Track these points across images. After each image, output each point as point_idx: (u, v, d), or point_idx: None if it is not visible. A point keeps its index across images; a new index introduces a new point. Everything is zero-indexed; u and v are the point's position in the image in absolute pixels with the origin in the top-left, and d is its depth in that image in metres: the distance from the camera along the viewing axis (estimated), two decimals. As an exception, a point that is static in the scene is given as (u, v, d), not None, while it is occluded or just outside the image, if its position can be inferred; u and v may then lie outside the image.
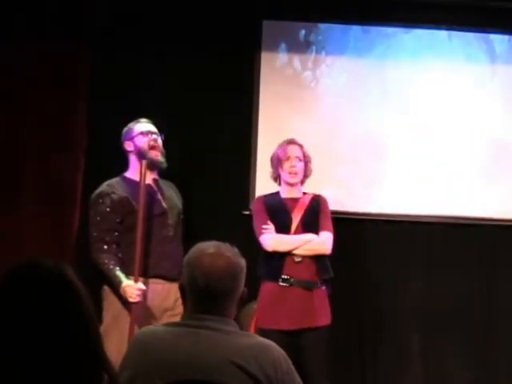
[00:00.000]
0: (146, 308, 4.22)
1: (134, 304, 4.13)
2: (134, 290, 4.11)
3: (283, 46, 5.45)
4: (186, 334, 2.34)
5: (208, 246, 2.42)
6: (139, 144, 4.41)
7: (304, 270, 4.42)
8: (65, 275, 1.58)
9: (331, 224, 4.58)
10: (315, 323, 4.40)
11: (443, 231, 5.44)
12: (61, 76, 5.09)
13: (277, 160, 4.61)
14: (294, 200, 4.60)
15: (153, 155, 4.40)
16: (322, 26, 5.47)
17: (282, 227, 4.48)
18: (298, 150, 4.63)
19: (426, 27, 5.47)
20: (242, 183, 5.35)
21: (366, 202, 5.42)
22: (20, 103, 5.06)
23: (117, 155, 4.54)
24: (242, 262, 2.43)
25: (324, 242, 4.47)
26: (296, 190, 4.64)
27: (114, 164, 4.53)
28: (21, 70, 5.05)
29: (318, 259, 4.46)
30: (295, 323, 4.38)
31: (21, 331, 1.50)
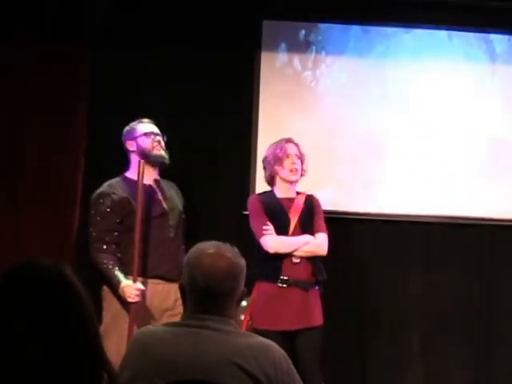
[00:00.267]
0: (146, 308, 4.22)
1: (133, 304, 4.13)
2: (132, 290, 4.11)
3: (283, 45, 5.45)
4: (186, 334, 2.34)
5: (208, 246, 2.42)
6: (142, 145, 4.41)
7: (301, 271, 4.44)
8: (64, 275, 1.58)
9: (325, 225, 4.61)
10: (311, 323, 4.43)
11: (443, 231, 5.44)
12: (61, 76, 5.09)
13: (274, 159, 4.59)
14: (290, 200, 4.60)
15: (157, 152, 4.39)
16: (322, 25, 5.47)
17: (281, 228, 4.48)
18: (296, 149, 4.64)
19: (425, 27, 5.47)
20: (242, 183, 5.35)
21: (366, 201, 5.42)
22: (20, 103, 5.06)
23: (117, 155, 4.54)
24: (242, 262, 2.43)
25: (322, 244, 4.50)
26: (292, 190, 4.64)
27: (114, 164, 4.52)
28: (21, 69, 5.06)
29: (314, 260, 4.49)
30: (293, 323, 4.39)
31: (20, 331, 1.50)
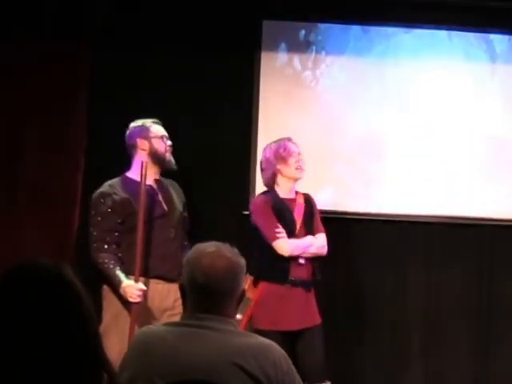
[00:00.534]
0: (146, 308, 4.21)
1: (135, 304, 4.12)
2: (134, 290, 4.09)
3: (283, 45, 5.45)
4: (186, 333, 2.34)
5: (207, 246, 2.42)
6: (157, 147, 4.37)
7: (304, 272, 4.47)
8: (64, 275, 1.58)
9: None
10: (314, 322, 4.47)
11: (443, 231, 5.44)
12: (61, 76, 5.09)
13: (277, 158, 4.54)
14: (292, 200, 4.59)
15: (169, 157, 4.39)
16: (322, 25, 5.46)
17: (288, 229, 4.48)
18: (297, 147, 4.63)
19: (425, 27, 5.46)
20: (242, 183, 5.35)
21: (366, 201, 5.41)
22: (20, 103, 5.06)
23: (117, 155, 4.53)
24: (242, 261, 2.44)
25: (325, 245, 4.53)
26: (293, 190, 4.63)
27: (114, 164, 4.52)
28: (21, 69, 5.05)
29: (314, 261, 4.51)
30: (300, 323, 4.43)
31: (20, 331, 1.50)
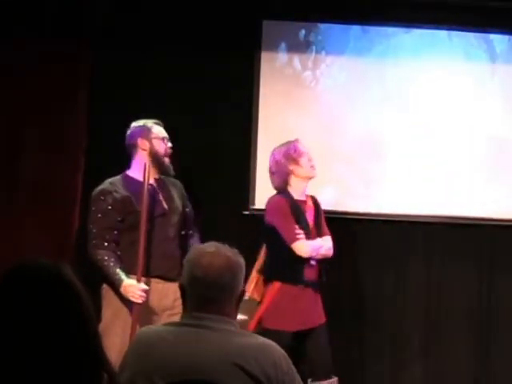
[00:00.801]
0: (146, 307, 4.20)
1: (137, 304, 4.09)
2: (136, 290, 4.07)
3: (283, 45, 5.45)
4: (186, 333, 2.34)
5: (207, 246, 2.43)
6: (158, 148, 4.34)
7: (314, 273, 4.52)
8: (64, 275, 1.58)
9: None
10: (320, 321, 4.52)
11: (443, 231, 5.44)
12: (61, 76, 5.09)
13: (288, 159, 4.51)
14: (304, 202, 4.61)
15: (168, 159, 4.38)
16: (322, 25, 5.47)
17: (305, 231, 4.50)
18: (306, 148, 4.62)
19: (425, 27, 5.47)
20: (242, 183, 5.35)
21: (366, 201, 5.42)
22: (20, 103, 5.06)
23: (117, 155, 4.53)
24: (242, 260, 2.44)
25: (331, 247, 4.56)
26: (305, 191, 4.63)
27: (114, 164, 4.51)
28: (21, 69, 5.06)
29: (321, 262, 4.54)
30: (310, 323, 4.48)
31: (20, 331, 1.50)
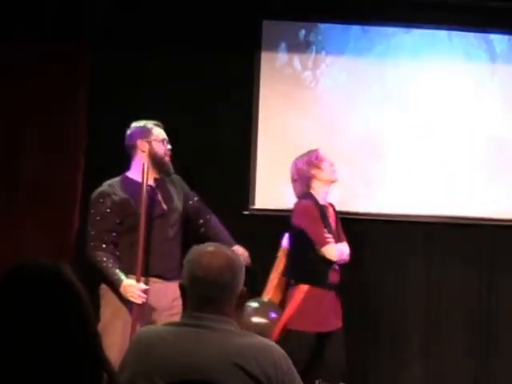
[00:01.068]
0: (144, 307, 4.19)
1: (137, 304, 4.08)
2: (136, 290, 4.07)
3: (283, 45, 5.45)
4: (186, 333, 2.34)
5: (207, 246, 2.43)
6: (157, 150, 4.32)
7: (337, 276, 4.61)
8: (63, 275, 1.58)
9: None
10: (340, 324, 4.63)
11: (443, 231, 5.44)
12: (61, 76, 5.09)
13: (310, 165, 4.59)
14: (327, 207, 4.67)
15: (167, 161, 4.36)
16: (322, 25, 5.47)
17: (331, 236, 4.59)
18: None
19: (425, 27, 5.47)
20: (242, 183, 5.35)
21: (366, 201, 5.42)
22: (20, 103, 5.06)
23: (117, 155, 4.52)
24: (241, 260, 2.44)
25: (349, 253, 4.63)
26: (327, 197, 4.70)
27: (114, 164, 4.51)
28: (21, 69, 5.06)
29: (341, 266, 4.63)
30: (332, 325, 4.56)
31: (20, 331, 1.50)
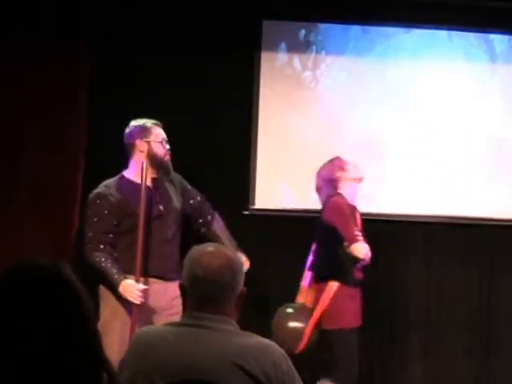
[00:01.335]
0: (143, 308, 4.19)
1: (136, 305, 4.08)
2: (135, 290, 4.06)
3: (283, 45, 5.45)
4: (186, 333, 2.34)
5: (207, 246, 2.44)
6: (156, 150, 4.29)
7: (360, 273, 4.66)
8: (63, 275, 1.58)
9: None
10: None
11: (443, 231, 5.44)
12: (61, 76, 5.09)
13: (334, 170, 4.69)
14: (354, 207, 4.72)
15: (167, 161, 4.34)
16: (322, 25, 5.47)
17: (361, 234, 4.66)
18: None
19: (425, 27, 5.47)
20: (242, 183, 5.35)
21: (366, 201, 5.41)
22: (20, 103, 5.06)
23: (117, 155, 4.52)
24: (241, 260, 2.45)
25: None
26: (356, 197, 4.76)
27: (114, 164, 4.50)
28: (21, 69, 5.06)
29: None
30: (361, 321, 4.64)
31: (20, 331, 1.50)
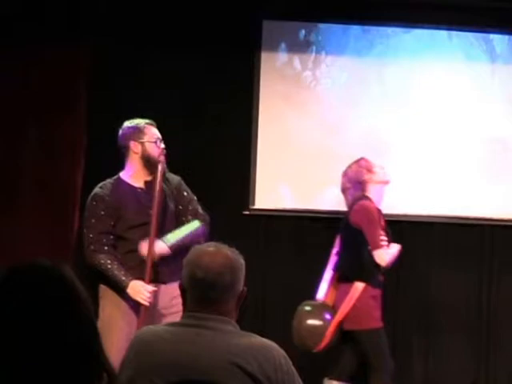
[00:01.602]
0: (143, 308, 4.18)
1: (145, 306, 4.07)
2: (145, 292, 4.05)
3: (283, 45, 5.45)
4: (186, 333, 2.34)
5: (207, 246, 2.44)
6: (150, 152, 4.26)
7: (382, 275, 4.70)
8: (64, 275, 1.57)
9: None
10: None
11: (443, 231, 5.44)
12: (61, 76, 5.10)
13: (363, 171, 4.72)
14: (380, 211, 4.73)
15: (162, 161, 4.31)
16: (322, 25, 5.47)
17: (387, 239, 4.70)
18: None
19: (425, 27, 5.47)
20: (242, 183, 5.35)
21: (366, 201, 5.41)
22: (20, 103, 5.07)
23: (117, 155, 4.52)
24: (241, 260, 2.44)
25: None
26: (382, 200, 4.79)
27: (114, 164, 4.51)
28: (21, 70, 5.06)
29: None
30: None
31: (20, 332, 1.50)
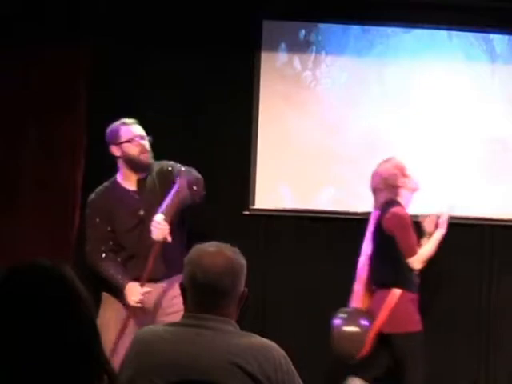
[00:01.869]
0: (143, 307, 4.19)
1: (131, 306, 4.10)
2: (138, 294, 4.08)
3: (283, 45, 5.44)
4: (186, 333, 2.34)
5: (208, 246, 2.43)
6: (128, 151, 4.28)
7: (417, 279, 4.75)
8: (64, 275, 1.57)
9: None
10: None
11: (443, 231, 5.44)
12: (61, 76, 5.10)
13: (397, 173, 4.72)
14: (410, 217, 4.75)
15: (144, 158, 4.32)
16: (322, 25, 5.46)
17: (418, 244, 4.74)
18: None
19: (426, 27, 5.47)
20: (242, 183, 5.35)
21: (366, 201, 5.40)
22: (20, 103, 5.06)
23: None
24: (243, 261, 2.43)
25: None
26: (408, 205, 4.81)
27: (114, 164, 4.51)
28: (21, 70, 5.06)
29: None
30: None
31: (20, 332, 1.50)
